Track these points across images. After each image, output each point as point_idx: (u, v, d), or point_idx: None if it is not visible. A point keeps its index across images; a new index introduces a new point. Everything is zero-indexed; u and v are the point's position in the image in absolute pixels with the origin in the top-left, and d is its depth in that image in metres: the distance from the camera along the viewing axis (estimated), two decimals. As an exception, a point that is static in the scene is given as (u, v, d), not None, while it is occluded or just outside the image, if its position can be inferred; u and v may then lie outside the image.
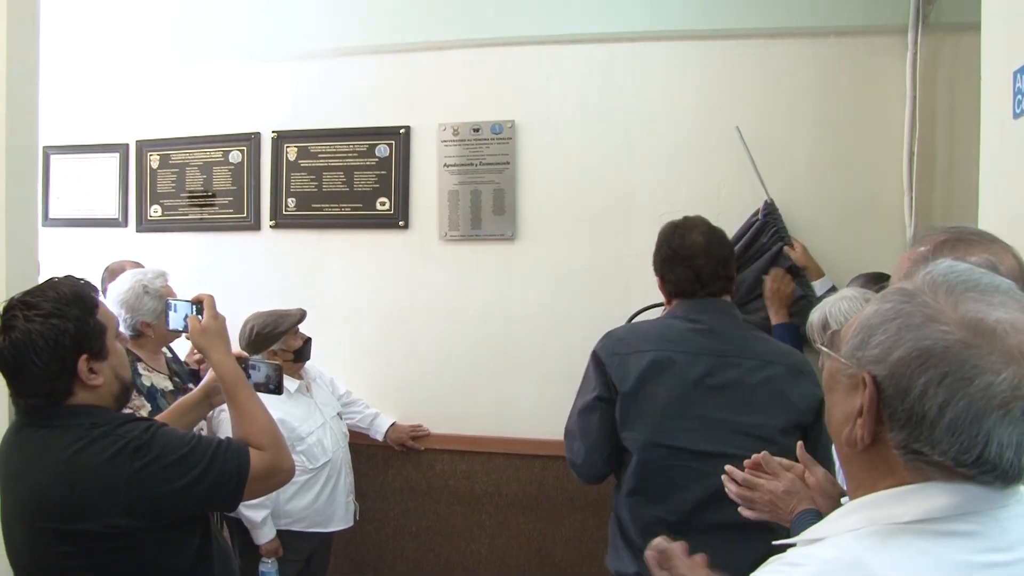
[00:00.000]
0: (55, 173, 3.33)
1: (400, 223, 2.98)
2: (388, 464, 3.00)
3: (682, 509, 1.62)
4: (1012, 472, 0.68)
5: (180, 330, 1.63)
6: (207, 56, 3.13)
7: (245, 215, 3.12)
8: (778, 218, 2.62)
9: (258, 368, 1.69)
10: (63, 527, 1.25)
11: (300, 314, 2.57)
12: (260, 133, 3.10)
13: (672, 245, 1.77)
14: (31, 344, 1.24)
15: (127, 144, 3.25)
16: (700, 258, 1.71)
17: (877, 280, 2.06)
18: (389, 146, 2.98)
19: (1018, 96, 1.54)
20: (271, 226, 3.10)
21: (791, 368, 1.67)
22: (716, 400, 1.63)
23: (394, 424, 2.92)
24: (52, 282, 1.33)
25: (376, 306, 3.01)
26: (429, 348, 2.97)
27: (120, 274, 2.36)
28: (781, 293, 2.53)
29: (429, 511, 2.98)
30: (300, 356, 2.60)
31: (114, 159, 3.27)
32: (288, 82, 3.08)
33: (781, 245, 2.60)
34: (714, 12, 2.72)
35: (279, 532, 2.46)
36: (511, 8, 2.85)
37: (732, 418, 1.61)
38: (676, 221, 1.82)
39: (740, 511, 1.30)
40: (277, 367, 1.70)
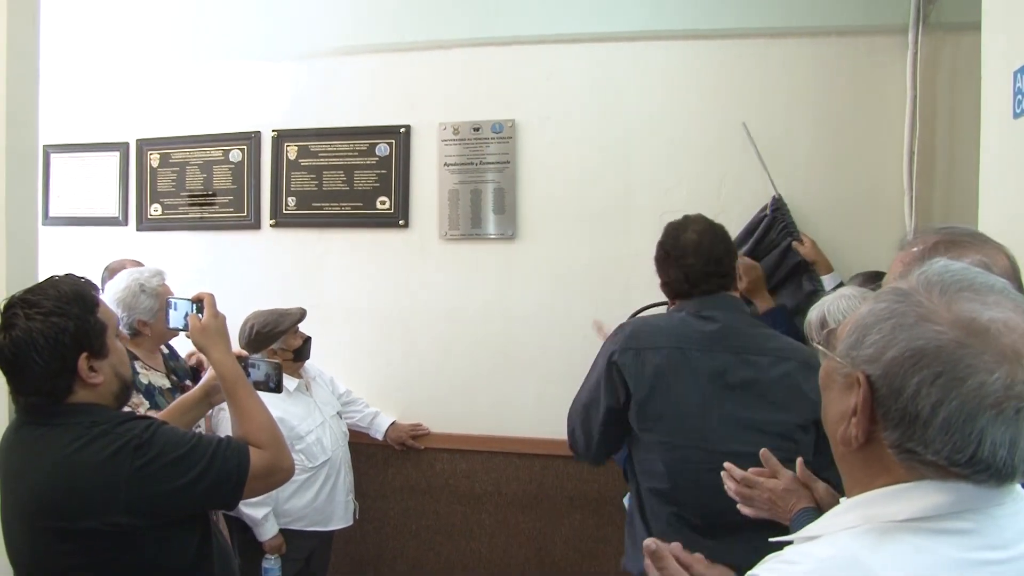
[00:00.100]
0: (55, 172, 3.33)
1: (400, 222, 2.98)
2: (388, 463, 3.00)
3: (707, 510, 1.58)
4: (1006, 471, 0.68)
5: (180, 328, 1.63)
6: (207, 55, 3.14)
7: (245, 214, 3.13)
8: (786, 213, 2.62)
9: (258, 366, 1.69)
10: (63, 525, 1.25)
11: (300, 313, 2.57)
12: (260, 132, 3.10)
13: (666, 246, 1.75)
14: (32, 342, 1.24)
15: (127, 143, 3.25)
16: (690, 257, 1.69)
17: (876, 279, 2.05)
18: (389, 145, 2.98)
19: (1018, 96, 1.54)
20: (271, 225, 3.10)
21: (803, 363, 1.64)
22: (735, 398, 1.60)
23: (394, 423, 2.92)
24: (53, 280, 1.33)
25: (376, 305, 3.01)
26: (429, 347, 2.97)
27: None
28: (755, 282, 2.45)
29: (429, 510, 2.98)
30: (300, 355, 2.60)
31: (114, 158, 3.27)
32: (288, 81, 3.08)
33: (790, 240, 2.60)
34: (714, 12, 2.73)
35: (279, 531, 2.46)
36: (512, 7, 2.85)
37: (752, 416, 1.58)
38: (675, 221, 1.79)
39: (739, 508, 1.30)
40: (277, 365, 1.70)
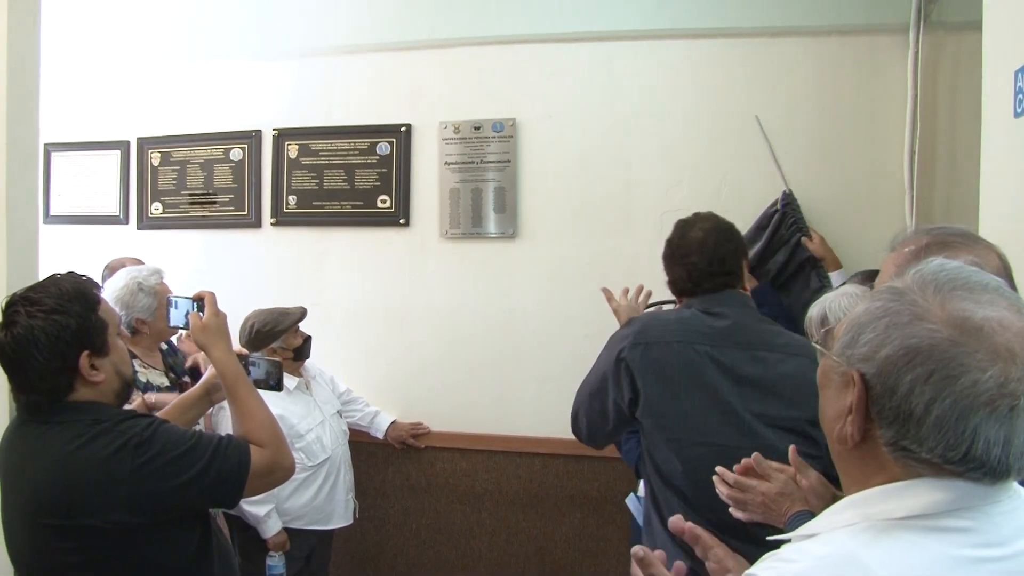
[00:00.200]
0: (56, 170, 3.33)
1: (401, 221, 2.98)
2: (388, 462, 3.00)
3: (722, 507, 1.54)
4: (1001, 469, 0.68)
5: (181, 326, 1.63)
6: (208, 53, 3.14)
7: (246, 213, 3.13)
8: (796, 208, 2.61)
9: (258, 365, 1.69)
10: (64, 523, 1.25)
11: (301, 312, 2.57)
12: (261, 131, 3.10)
13: (671, 244, 1.74)
14: (33, 340, 1.24)
15: (128, 141, 3.25)
16: (694, 256, 1.68)
17: (876, 277, 2.05)
18: (390, 144, 2.98)
19: (1019, 95, 1.53)
20: (272, 224, 3.10)
21: (812, 359, 1.59)
22: (747, 394, 1.58)
23: (394, 422, 2.92)
24: (54, 278, 1.33)
25: (377, 304, 3.01)
26: (430, 346, 2.97)
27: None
28: None
29: (429, 509, 2.99)
30: (300, 354, 2.60)
31: (115, 156, 3.27)
32: (289, 80, 3.07)
33: (799, 236, 2.58)
34: (715, 11, 2.72)
35: (279, 530, 2.46)
36: (513, 6, 2.85)
37: (764, 412, 1.57)
38: (684, 218, 1.78)
39: (731, 512, 1.29)
40: (277, 364, 1.71)
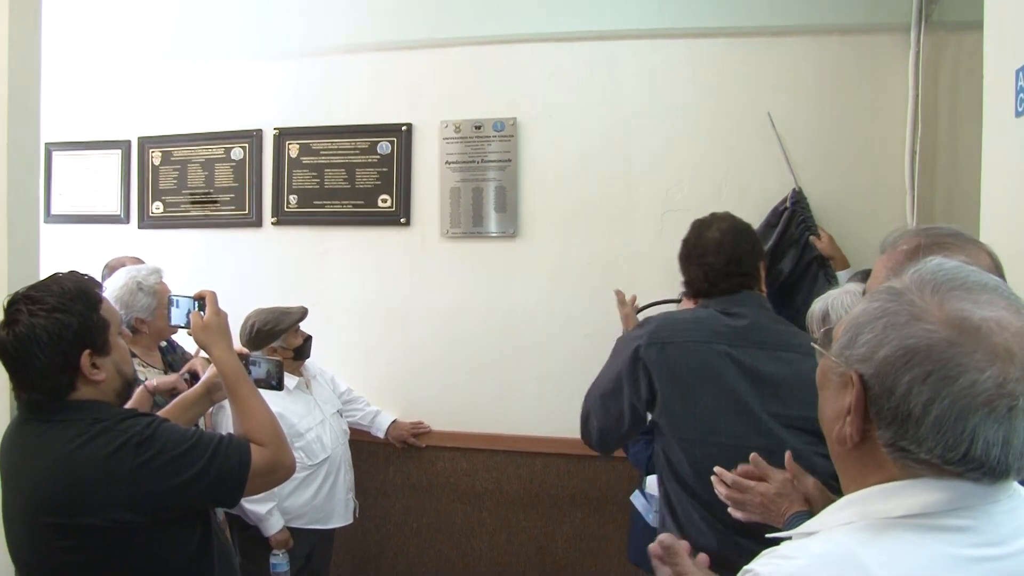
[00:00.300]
0: (57, 169, 3.33)
1: (402, 220, 2.98)
2: (389, 461, 3.00)
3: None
4: (1000, 469, 0.68)
5: (182, 325, 1.63)
6: (209, 53, 3.14)
7: (247, 212, 3.13)
8: (806, 207, 2.60)
9: (259, 364, 1.69)
10: (64, 521, 1.25)
11: (302, 312, 2.57)
12: (262, 130, 3.10)
13: (688, 244, 1.74)
14: (34, 338, 1.25)
15: (129, 141, 3.25)
16: (710, 256, 1.67)
17: None
18: (391, 143, 2.98)
19: (1020, 95, 1.53)
20: (273, 223, 3.10)
21: None
22: (767, 394, 1.58)
23: (395, 421, 2.92)
24: (56, 277, 1.33)
25: (377, 303, 3.01)
26: (430, 345, 2.97)
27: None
28: None
29: (430, 508, 2.99)
30: (300, 354, 2.60)
31: (116, 156, 3.27)
32: (290, 79, 3.07)
33: (808, 235, 2.57)
34: (716, 10, 2.72)
35: (280, 529, 2.46)
36: (513, 5, 2.85)
37: (784, 412, 1.56)
38: (701, 218, 1.77)
39: (730, 511, 1.29)
40: (278, 363, 1.71)
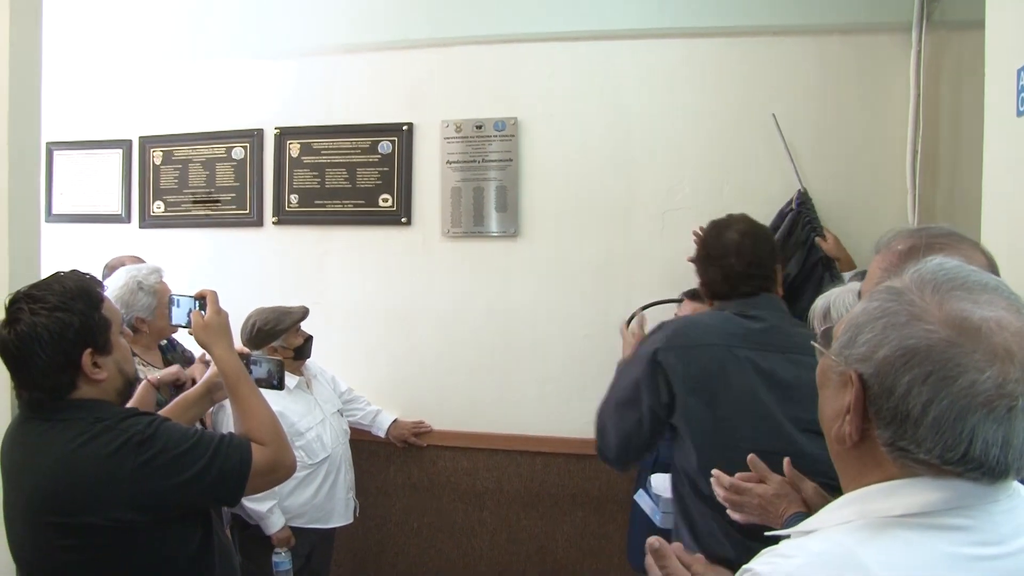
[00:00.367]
0: (58, 169, 3.33)
1: (403, 220, 2.98)
2: (390, 461, 3.00)
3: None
4: (1000, 469, 0.68)
5: (183, 325, 1.63)
6: (210, 52, 3.14)
7: (248, 211, 3.13)
8: (811, 208, 2.59)
9: (260, 363, 1.70)
10: (65, 520, 1.25)
11: (303, 312, 2.57)
12: (263, 129, 3.10)
13: (707, 245, 1.72)
14: (36, 337, 1.25)
15: (130, 140, 3.25)
16: (731, 257, 1.65)
17: None
18: (392, 143, 2.98)
19: (1022, 94, 1.53)
20: (274, 222, 3.10)
21: None
22: (787, 398, 1.56)
23: (396, 421, 2.92)
24: (58, 276, 1.34)
25: (378, 303, 3.01)
26: (431, 345, 2.97)
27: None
28: None
29: (431, 508, 2.99)
30: (301, 354, 2.60)
31: (117, 155, 3.27)
32: (291, 78, 3.07)
33: (813, 236, 2.56)
34: (716, 10, 2.72)
35: (280, 528, 2.46)
36: (514, 5, 2.85)
37: (804, 416, 1.53)
38: (718, 219, 1.76)
39: (728, 514, 1.29)
40: (279, 363, 1.71)
